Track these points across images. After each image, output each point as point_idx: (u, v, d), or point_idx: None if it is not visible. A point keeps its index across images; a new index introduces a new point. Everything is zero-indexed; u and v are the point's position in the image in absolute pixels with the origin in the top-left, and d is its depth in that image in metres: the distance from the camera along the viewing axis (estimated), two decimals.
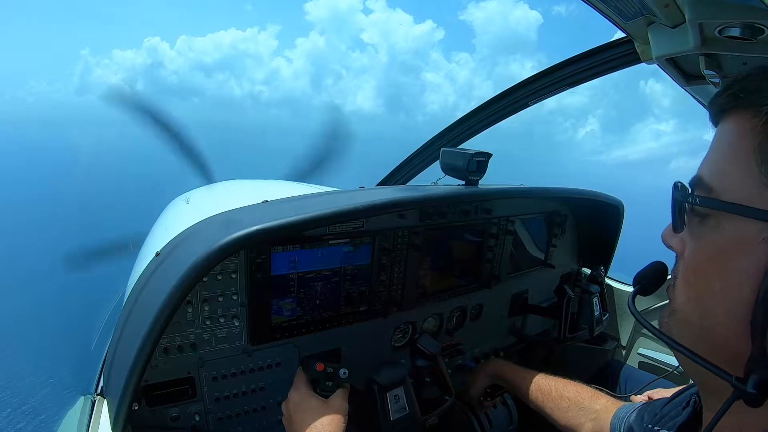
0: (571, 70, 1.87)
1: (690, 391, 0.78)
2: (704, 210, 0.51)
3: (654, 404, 0.92)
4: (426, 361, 1.45)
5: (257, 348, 1.28)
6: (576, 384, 1.31)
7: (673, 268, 0.60)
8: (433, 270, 1.65)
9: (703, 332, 0.52)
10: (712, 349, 0.51)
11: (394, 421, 1.25)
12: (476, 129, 2.43)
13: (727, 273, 0.48)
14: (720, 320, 0.49)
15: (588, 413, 1.19)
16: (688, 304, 0.54)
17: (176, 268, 1.00)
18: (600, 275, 2.07)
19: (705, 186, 0.51)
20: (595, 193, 2.01)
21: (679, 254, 0.58)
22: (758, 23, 0.88)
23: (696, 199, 0.52)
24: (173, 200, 2.24)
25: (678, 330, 0.56)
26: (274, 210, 1.27)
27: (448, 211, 1.61)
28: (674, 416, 0.77)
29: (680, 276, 0.56)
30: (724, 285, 0.49)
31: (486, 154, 1.56)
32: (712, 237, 0.50)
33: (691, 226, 0.55)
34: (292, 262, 1.28)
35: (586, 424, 1.18)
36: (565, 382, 1.33)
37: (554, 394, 1.30)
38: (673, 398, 0.84)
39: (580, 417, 1.20)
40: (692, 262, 0.54)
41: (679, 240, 0.57)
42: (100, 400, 1.12)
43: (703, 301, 0.52)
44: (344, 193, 1.71)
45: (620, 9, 1.15)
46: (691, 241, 0.55)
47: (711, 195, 0.50)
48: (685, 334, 0.55)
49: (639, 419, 0.94)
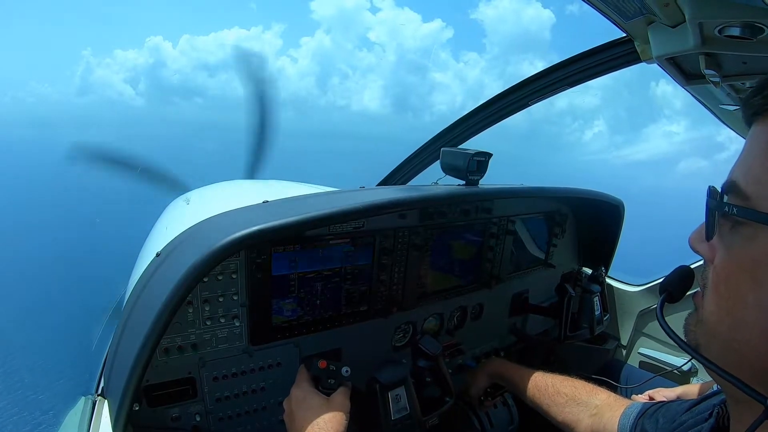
0: (571, 70, 1.87)
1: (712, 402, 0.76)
2: (739, 218, 0.48)
3: (670, 408, 0.90)
4: (427, 362, 1.45)
5: (258, 348, 1.28)
6: (573, 380, 1.31)
7: (702, 274, 0.57)
8: (433, 270, 1.64)
9: (733, 345, 0.49)
10: (741, 362, 0.49)
11: (395, 420, 1.25)
12: (476, 129, 2.43)
13: (762, 287, 0.45)
14: (752, 334, 0.47)
15: (587, 408, 1.19)
16: (717, 314, 0.51)
17: (177, 269, 1.00)
18: (601, 275, 2.07)
19: (741, 193, 0.48)
20: (595, 192, 2.01)
21: (707, 261, 0.55)
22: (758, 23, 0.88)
23: (733, 209, 0.48)
24: (173, 201, 2.24)
25: (706, 341, 0.54)
26: (274, 210, 1.27)
27: (448, 211, 1.61)
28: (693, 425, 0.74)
29: (710, 285, 0.53)
30: (757, 298, 0.46)
31: (486, 154, 1.56)
32: (746, 247, 0.47)
33: (721, 232, 0.52)
34: (293, 263, 1.28)
35: (585, 420, 1.17)
36: (563, 378, 1.32)
37: (551, 391, 1.29)
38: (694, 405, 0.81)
39: (578, 413, 1.20)
40: (723, 272, 0.51)
41: (709, 246, 0.54)
42: (101, 401, 1.12)
43: (735, 313, 0.48)
44: (344, 193, 1.71)
45: (620, 9, 1.15)
46: (722, 249, 0.51)
47: (748, 204, 0.46)
48: (713, 346, 0.53)
49: (654, 422, 0.92)
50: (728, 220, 0.49)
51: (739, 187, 0.48)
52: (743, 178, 0.48)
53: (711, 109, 1.65)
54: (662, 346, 2.22)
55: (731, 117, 1.66)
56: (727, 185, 0.50)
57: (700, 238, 0.55)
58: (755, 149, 0.48)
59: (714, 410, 0.69)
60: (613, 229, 2.22)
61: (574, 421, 1.20)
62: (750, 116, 0.50)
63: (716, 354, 0.52)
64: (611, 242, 2.27)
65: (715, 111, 1.66)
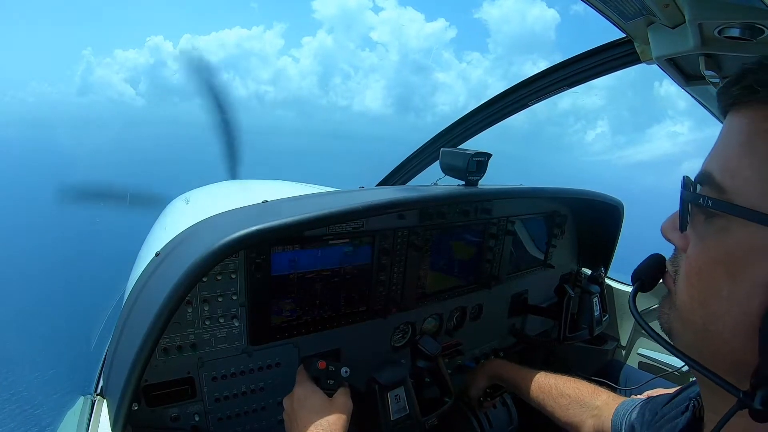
0: (570, 71, 1.87)
1: (688, 394, 0.76)
2: (713, 210, 0.48)
3: (655, 401, 0.90)
4: (427, 362, 1.45)
5: (257, 348, 1.28)
6: (576, 381, 1.30)
7: (671, 259, 0.57)
8: (432, 270, 1.64)
9: (707, 335, 0.49)
10: (715, 353, 0.49)
11: (395, 421, 1.25)
12: (476, 129, 2.43)
13: (736, 280, 0.45)
14: (726, 327, 0.47)
15: (589, 410, 1.18)
16: (691, 304, 0.51)
17: (176, 269, 1.00)
18: (600, 276, 2.07)
19: (715, 185, 0.47)
20: (595, 193, 2.01)
21: (680, 249, 0.55)
22: (758, 23, 0.88)
23: (708, 201, 0.48)
24: (173, 200, 2.24)
25: (681, 327, 0.54)
26: (274, 210, 1.27)
27: (447, 212, 1.61)
28: (672, 418, 0.75)
29: (682, 274, 0.53)
30: (731, 291, 0.46)
31: (485, 155, 1.56)
32: (720, 239, 0.47)
33: (694, 223, 0.51)
34: (292, 262, 1.28)
35: (588, 420, 1.17)
36: (566, 379, 1.32)
37: (554, 392, 1.29)
38: (672, 398, 0.83)
39: (582, 414, 1.20)
40: (696, 263, 0.50)
41: (682, 236, 0.53)
42: (100, 401, 1.12)
43: (708, 305, 0.49)
44: (344, 193, 1.71)
45: (620, 9, 1.15)
46: (696, 240, 0.51)
47: (723, 197, 0.46)
48: (687, 334, 0.53)
49: (640, 417, 0.93)
50: (702, 211, 0.49)
51: (714, 179, 0.48)
52: (719, 170, 0.48)
53: (710, 110, 1.66)
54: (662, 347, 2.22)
55: None
56: (701, 176, 0.50)
57: (673, 227, 0.55)
58: (732, 141, 0.48)
59: (690, 403, 0.70)
60: (613, 230, 2.22)
61: (578, 423, 1.19)
62: (727, 106, 0.49)
63: (690, 343, 0.52)
64: (611, 243, 2.27)
65: (714, 112, 1.66)
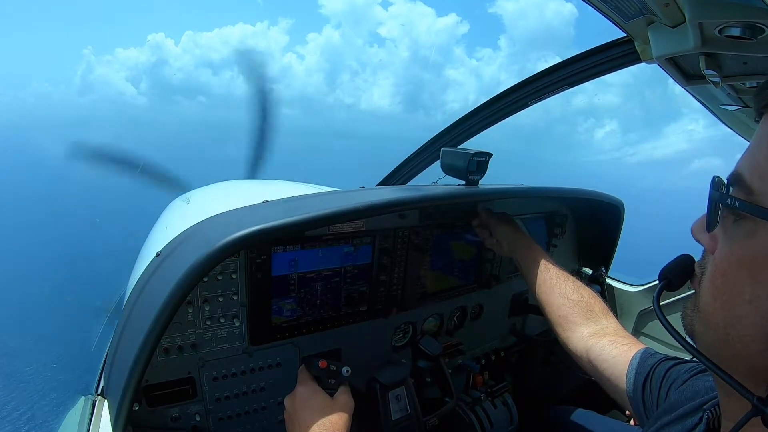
0: (571, 70, 1.86)
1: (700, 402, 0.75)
2: (741, 212, 0.47)
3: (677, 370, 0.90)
4: (427, 362, 1.45)
5: (257, 348, 1.28)
6: (593, 292, 1.28)
7: (700, 260, 0.57)
8: (433, 270, 1.64)
9: (727, 338, 0.48)
10: (734, 357, 0.49)
11: (395, 420, 1.25)
12: (476, 129, 2.43)
13: (759, 283, 0.44)
14: (746, 331, 0.46)
15: (593, 324, 1.16)
16: (713, 306, 0.51)
17: (176, 269, 1.00)
18: (601, 275, 2.07)
19: (745, 186, 0.47)
20: (595, 193, 2.01)
21: (708, 251, 0.54)
22: (758, 23, 0.87)
23: (735, 202, 0.47)
24: (173, 200, 2.24)
25: (702, 329, 0.53)
26: (274, 210, 1.27)
27: (448, 211, 1.61)
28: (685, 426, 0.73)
29: (708, 275, 0.53)
30: (754, 295, 0.45)
31: (486, 154, 1.56)
32: (746, 241, 0.46)
33: (724, 224, 0.51)
34: (293, 263, 1.28)
35: (584, 332, 1.15)
36: (583, 285, 1.30)
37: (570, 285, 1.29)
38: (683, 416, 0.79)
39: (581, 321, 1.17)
40: (722, 265, 0.50)
41: (710, 237, 0.53)
42: (101, 401, 1.12)
43: (730, 308, 0.48)
44: (344, 193, 1.71)
45: (620, 9, 1.15)
46: (724, 242, 0.50)
47: (751, 198, 0.45)
48: (708, 336, 0.52)
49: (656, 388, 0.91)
50: (731, 212, 0.49)
51: (744, 180, 0.47)
52: (749, 171, 0.47)
53: (711, 110, 1.65)
54: (663, 347, 2.22)
55: (731, 117, 1.66)
56: (733, 177, 0.49)
57: (702, 228, 0.54)
58: (763, 143, 0.47)
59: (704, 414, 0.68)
60: (613, 230, 2.22)
61: (572, 324, 1.17)
62: (761, 108, 0.48)
63: (710, 345, 0.52)
64: (611, 242, 2.26)
65: (715, 111, 1.66)
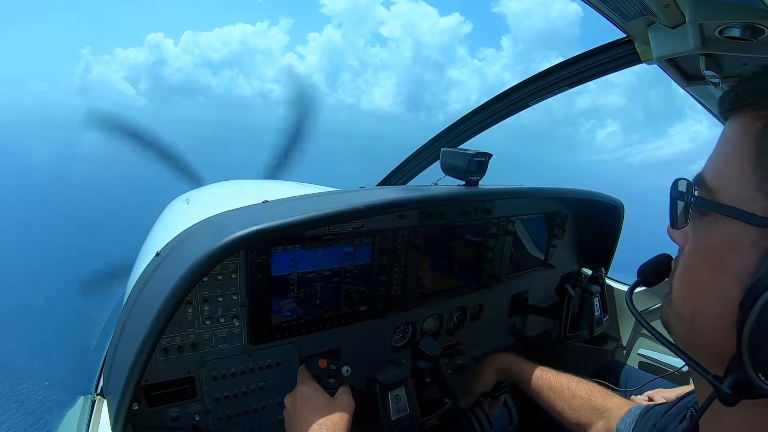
0: (571, 71, 1.87)
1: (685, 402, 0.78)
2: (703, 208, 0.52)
3: (656, 410, 0.91)
4: (427, 363, 1.44)
5: (257, 348, 1.28)
6: (588, 382, 1.29)
7: (676, 257, 0.61)
8: (433, 270, 1.64)
9: (694, 328, 0.53)
10: (701, 346, 0.52)
11: (395, 421, 1.25)
12: (476, 129, 2.43)
13: (718, 273, 0.49)
14: (710, 320, 0.50)
15: (600, 412, 1.18)
16: (683, 299, 0.55)
17: (176, 268, 1.00)
18: (601, 276, 2.07)
19: (706, 186, 0.52)
20: (595, 193, 2.01)
21: (681, 248, 0.58)
22: (758, 23, 0.87)
23: (692, 199, 0.53)
24: (173, 200, 2.24)
25: (674, 321, 0.57)
26: (274, 210, 1.27)
27: (448, 212, 1.61)
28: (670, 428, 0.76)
29: (678, 270, 0.57)
30: (714, 285, 0.49)
31: (486, 155, 1.56)
32: (707, 235, 0.51)
33: (693, 221, 0.55)
34: (293, 262, 1.28)
35: (598, 422, 1.17)
36: (577, 379, 1.31)
37: (566, 393, 1.27)
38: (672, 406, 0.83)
39: (592, 416, 1.19)
40: (689, 259, 0.54)
41: (682, 234, 0.57)
42: (100, 400, 1.12)
43: (696, 299, 0.52)
44: (344, 193, 1.71)
45: (620, 9, 1.15)
46: (692, 238, 0.55)
47: (711, 196, 0.50)
48: (680, 327, 0.56)
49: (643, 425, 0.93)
50: (696, 210, 0.54)
51: (705, 181, 0.52)
52: (710, 172, 0.52)
53: (711, 110, 1.66)
54: (662, 347, 2.22)
55: None
56: (697, 179, 0.54)
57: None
58: (723, 147, 0.52)
59: (687, 412, 0.72)
60: (613, 230, 2.22)
61: (588, 425, 1.19)
62: (722, 114, 0.53)
63: (682, 336, 0.56)
64: (611, 243, 2.27)
65: (714, 112, 1.66)
